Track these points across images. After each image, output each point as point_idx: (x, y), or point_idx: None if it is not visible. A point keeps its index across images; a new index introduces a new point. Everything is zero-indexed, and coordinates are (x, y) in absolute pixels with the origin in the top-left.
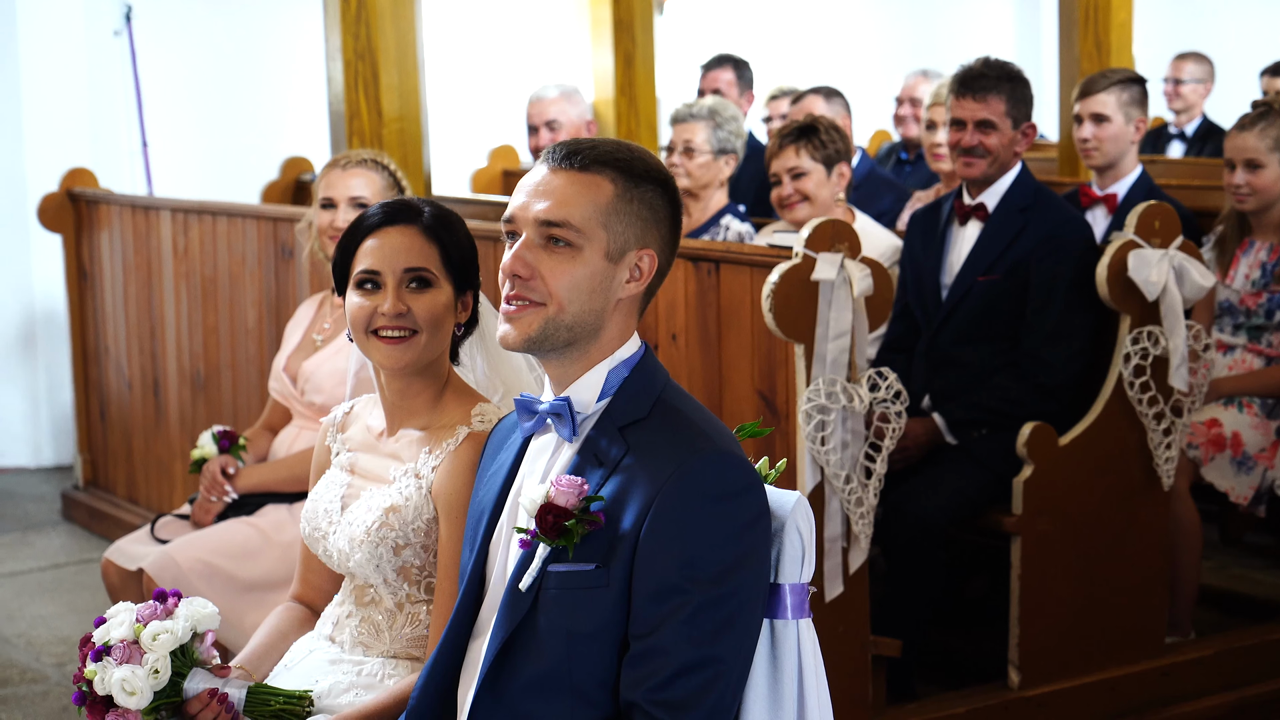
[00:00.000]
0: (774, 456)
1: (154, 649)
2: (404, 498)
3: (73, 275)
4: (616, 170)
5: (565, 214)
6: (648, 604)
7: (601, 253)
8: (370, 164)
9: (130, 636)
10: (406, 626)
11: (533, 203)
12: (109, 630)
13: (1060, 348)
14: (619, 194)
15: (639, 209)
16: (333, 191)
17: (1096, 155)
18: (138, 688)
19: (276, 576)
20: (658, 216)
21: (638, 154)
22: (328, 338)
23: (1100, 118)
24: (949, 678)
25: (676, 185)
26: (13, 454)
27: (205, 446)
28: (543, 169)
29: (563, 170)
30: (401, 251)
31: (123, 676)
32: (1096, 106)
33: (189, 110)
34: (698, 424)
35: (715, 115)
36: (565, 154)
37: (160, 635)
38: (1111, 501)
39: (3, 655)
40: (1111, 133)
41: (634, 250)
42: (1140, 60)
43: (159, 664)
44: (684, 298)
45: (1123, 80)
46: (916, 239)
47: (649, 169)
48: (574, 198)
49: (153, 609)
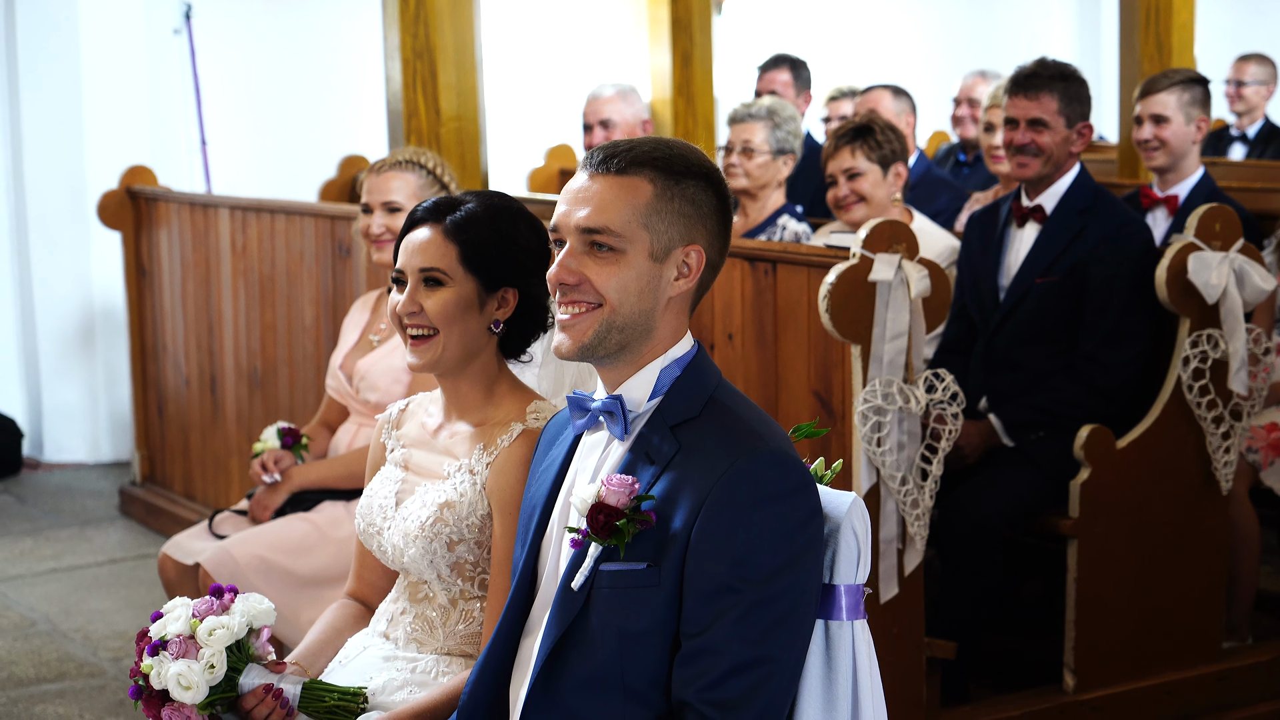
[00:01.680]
0: (830, 457)
1: (210, 644)
2: (459, 494)
3: (131, 272)
4: (655, 169)
5: (605, 220)
6: (699, 603)
7: (646, 253)
8: (406, 165)
9: (187, 631)
10: (460, 623)
11: (574, 210)
12: (165, 625)
13: (1117, 350)
14: (658, 193)
15: (681, 206)
16: (370, 197)
17: (1157, 156)
18: (193, 682)
19: (332, 572)
20: (702, 212)
21: (678, 151)
22: (384, 337)
23: (1160, 118)
24: (1003, 681)
25: (722, 177)
26: (71, 450)
27: (268, 441)
28: (583, 175)
29: (601, 175)
30: (419, 251)
31: (179, 671)
32: (1157, 107)
33: (248, 108)
34: (750, 423)
35: (774, 115)
36: (603, 158)
37: (216, 630)
38: (1169, 505)
39: (60, 649)
40: (1172, 133)
41: (679, 247)
42: (1202, 62)
43: (215, 659)
44: (740, 298)
45: (1185, 81)
46: (974, 241)
47: (690, 165)
48: (612, 202)
49: (209, 604)
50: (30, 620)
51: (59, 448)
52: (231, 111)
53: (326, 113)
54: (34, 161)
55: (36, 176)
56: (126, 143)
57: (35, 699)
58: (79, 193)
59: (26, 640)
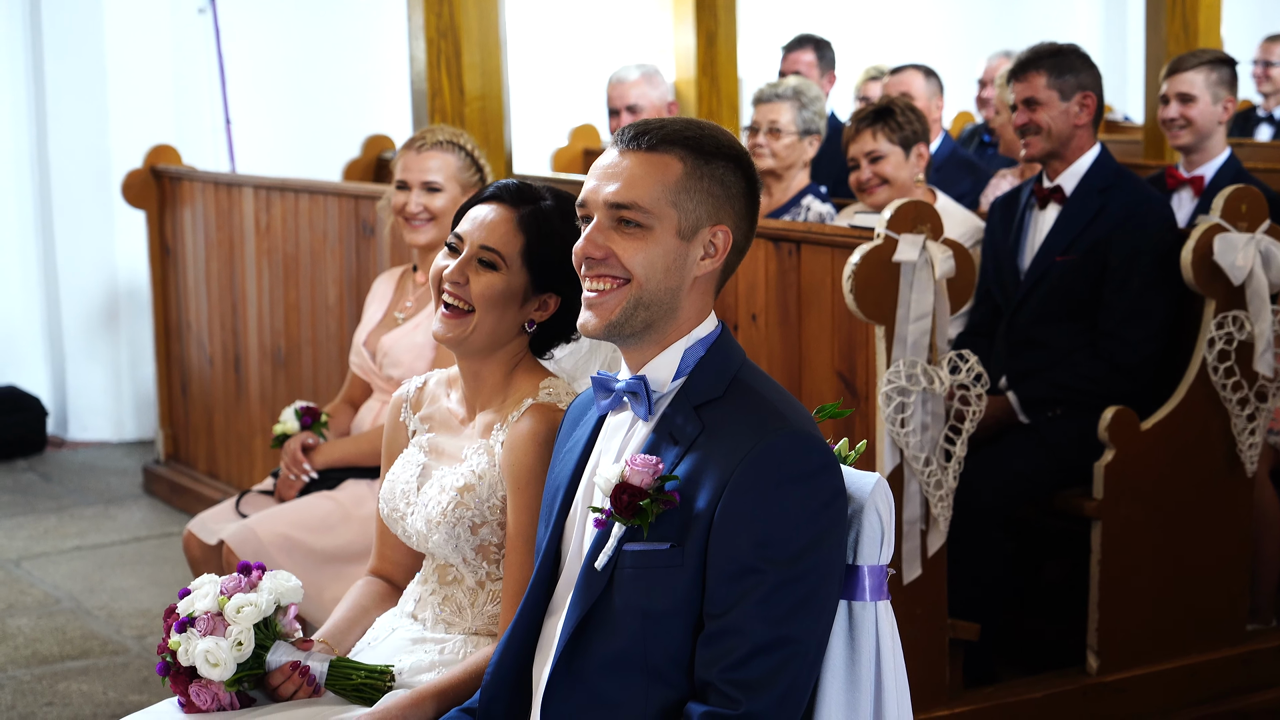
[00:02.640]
0: (853, 438)
1: (238, 621)
2: (477, 476)
3: (156, 251)
4: (685, 148)
5: (633, 195)
6: (723, 584)
7: (673, 231)
8: (446, 145)
9: (214, 609)
10: (489, 604)
11: (603, 185)
12: (193, 602)
13: (1136, 327)
14: (688, 172)
15: (710, 185)
16: (407, 174)
17: (1183, 135)
18: (221, 659)
19: (355, 549)
20: (730, 193)
21: (708, 131)
22: (409, 314)
23: (1187, 97)
24: (1026, 663)
25: (751, 161)
26: (95, 428)
27: (287, 422)
28: (613, 152)
29: (631, 151)
30: (487, 228)
31: (206, 648)
32: (1183, 86)
33: (272, 88)
34: (774, 403)
35: (800, 95)
36: (633, 135)
37: (244, 608)
38: (1193, 487)
39: (84, 627)
40: (1198, 112)
41: (707, 227)
42: (1229, 42)
43: (242, 636)
44: (764, 278)
45: (1212, 60)
46: (997, 225)
47: (720, 145)
48: (642, 178)
49: (237, 582)
50: (54, 598)
51: (83, 426)
52: (256, 91)
53: (351, 92)
54: (59, 141)
55: (61, 156)
56: (151, 122)
57: (59, 676)
58: (104, 172)
59: (50, 618)
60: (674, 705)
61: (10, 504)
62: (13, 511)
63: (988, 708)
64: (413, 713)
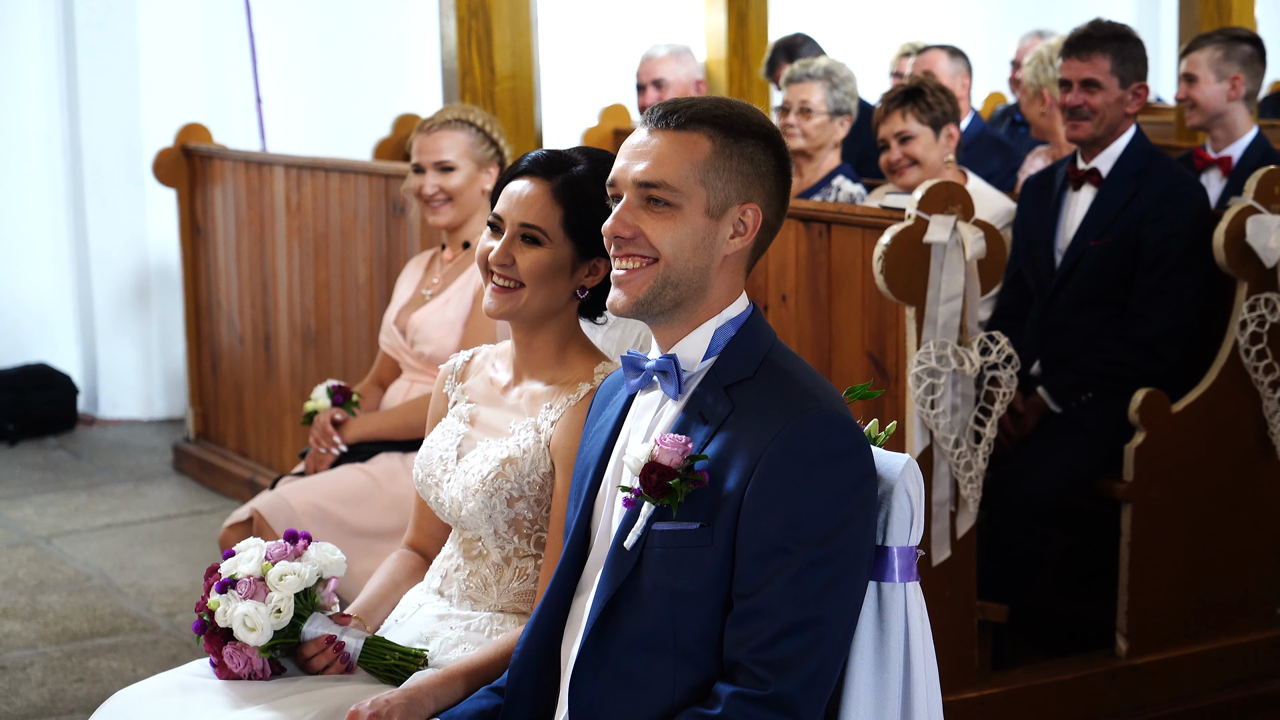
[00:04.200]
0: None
1: (279, 589)
2: (521, 450)
3: (186, 230)
4: (714, 127)
5: (662, 174)
6: (752, 564)
7: (702, 209)
8: (455, 123)
9: (257, 573)
10: (514, 581)
11: (631, 164)
12: (237, 564)
13: (1160, 304)
14: (717, 150)
15: (739, 164)
16: (421, 156)
17: (1192, 115)
18: (259, 624)
19: (386, 525)
20: (760, 171)
21: (738, 110)
22: (436, 291)
23: (1190, 77)
24: (1055, 645)
25: (782, 139)
26: (125, 406)
27: (319, 400)
28: (642, 131)
29: (660, 130)
30: (524, 205)
31: (245, 612)
32: (1188, 65)
33: (303, 67)
34: (804, 384)
35: (831, 76)
36: (663, 114)
37: (287, 576)
38: (1224, 470)
39: (114, 604)
40: (1200, 91)
41: (736, 205)
42: (1265, 22)
43: (282, 604)
44: (794, 259)
45: (1224, 39)
46: (1030, 206)
47: (750, 124)
48: (670, 157)
49: (283, 549)
50: (85, 575)
51: (114, 404)
52: (287, 70)
53: (381, 71)
54: (90, 119)
55: (92, 134)
56: (182, 101)
57: (89, 653)
58: (135, 150)
59: (81, 595)
60: (702, 685)
61: (41, 481)
62: (43, 489)
63: (1016, 690)
64: (443, 691)
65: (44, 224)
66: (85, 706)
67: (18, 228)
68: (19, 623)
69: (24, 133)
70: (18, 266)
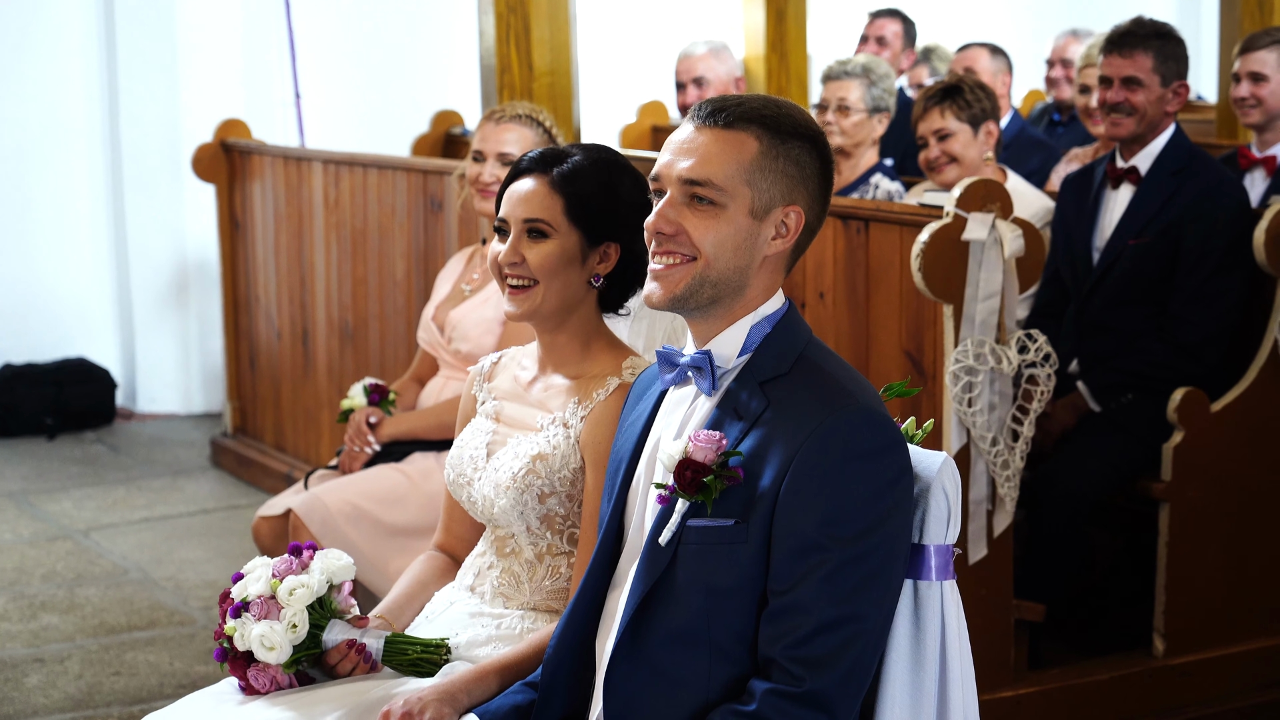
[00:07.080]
0: (921, 417)
1: (291, 604)
2: (551, 446)
3: (225, 225)
4: (762, 127)
5: (708, 172)
6: (787, 561)
7: (745, 210)
8: (525, 120)
9: (267, 592)
10: (546, 579)
11: (677, 161)
12: (246, 587)
13: (1202, 306)
14: (764, 150)
15: (785, 165)
16: (484, 145)
17: (1253, 114)
18: (276, 643)
19: (421, 523)
20: (805, 173)
21: (785, 110)
22: (476, 287)
23: (1259, 76)
24: (1091, 644)
25: (827, 142)
26: (164, 400)
27: (355, 398)
28: (689, 127)
29: (708, 128)
30: (524, 202)
31: (261, 633)
32: (1255, 64)
33: (342, 63)
34: (840, 380)
35: (870, 73)
36: (710, 111)
37: (296, 590)
38: (1264, 469)
39: (151, 597)
40: (1270, 91)
41: (780, 207)
42: None
43: (297, 619)
44: (832, 256)
45: None
46: (1069, 204)
47: (796, 125)
48: (717, 155)
49: (288, 564)
50: (122, 569)
51: (152, 398)
52: (326, 66)
53: (420, 67)
54: (130, 114)
55: (132, 129)
56: (221, 96)
57: (126, 646)
58: (174, 146)
59: (118, 588)
60: (737, 681)
61: (79, 475)
62: (82, 482)
63: (1052, 689)
64: (476, 687)
65: (84, 219)
66: (122, 699)
67: (58, 222)
68: (57, 616)
69: (65, 128)
70: (58, 261)
